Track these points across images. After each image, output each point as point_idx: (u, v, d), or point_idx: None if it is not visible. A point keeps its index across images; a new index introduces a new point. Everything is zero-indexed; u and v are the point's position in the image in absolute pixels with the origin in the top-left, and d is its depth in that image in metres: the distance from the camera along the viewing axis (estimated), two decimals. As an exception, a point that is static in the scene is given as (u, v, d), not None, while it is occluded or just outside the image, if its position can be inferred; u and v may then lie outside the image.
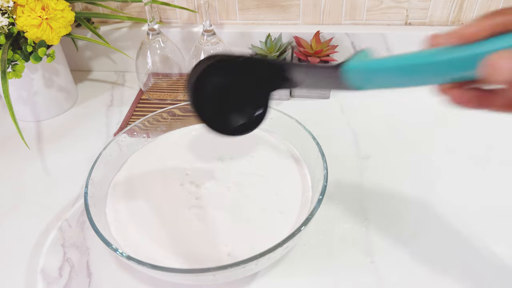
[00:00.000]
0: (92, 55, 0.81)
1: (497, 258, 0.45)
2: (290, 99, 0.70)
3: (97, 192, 0.46)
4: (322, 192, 0.42)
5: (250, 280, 0.44)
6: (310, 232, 0.48)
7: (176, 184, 0.49)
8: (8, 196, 0.56)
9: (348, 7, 0.70)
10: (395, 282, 0.43)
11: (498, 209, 0.50)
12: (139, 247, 0.43)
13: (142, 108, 0.70)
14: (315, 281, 0.44)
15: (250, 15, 0.73)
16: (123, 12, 0.76)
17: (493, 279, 0.43)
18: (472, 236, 0.47)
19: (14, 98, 0.64)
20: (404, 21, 0.71)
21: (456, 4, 0.68)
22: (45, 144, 0.65)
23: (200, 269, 0.36)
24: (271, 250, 0.37)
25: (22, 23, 0.57)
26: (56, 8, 0.58)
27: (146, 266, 0.37)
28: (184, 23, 0.76)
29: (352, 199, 0.52)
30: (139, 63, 0.69)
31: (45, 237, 0.50)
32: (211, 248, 0.42)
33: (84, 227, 0.51)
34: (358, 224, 0.49)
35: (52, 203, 0.54)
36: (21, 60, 0.59)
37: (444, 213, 0.50)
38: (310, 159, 0.49)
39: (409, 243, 0.47)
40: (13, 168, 0.61)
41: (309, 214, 0.40)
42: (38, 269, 0.47)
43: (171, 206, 0.47)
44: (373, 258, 0.45)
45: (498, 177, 0.54)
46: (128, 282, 0.45)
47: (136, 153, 0.54)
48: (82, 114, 0.71)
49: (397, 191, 0.52)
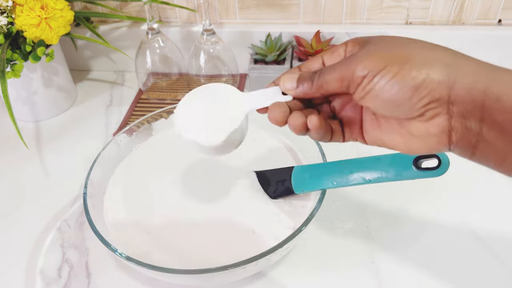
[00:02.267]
0: (92, 55, 0.81)
1: (497, 258, 0.45)
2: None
3: (96, 193, 0.46)
4: (322, 192, 0.42)
5: (251, 281, 0.44)
6: (310, 232, 0.48)
7: (176, 184, 0.49)
8: (7, 197, 0.56)
9: (348, 7, 0.70)
10: (395, 282, 0.43)
11: (498, 209, 0.50)
12: (137, 246, 0.42)
13: (141, 108, 0.70)
14: (315, 281, 0.44)
15: (250, 14, 0.72)
16: (123, 11, 0.76)
17: (493, 279, 0.43)
18: (472, 236, 0.47)
19: (13, 98, 0.64)
20: (404, 20, 0.70)
21: (457, 4, 0.67)
22: (44, 144, 0.64)
23: (200, 270, 0.36)
24: (271, 250, 0.37)
25: (21, 22, 0.57)
26: (55, 7, 0.58)
27: (145, 266, 0.37)
28: (184, 22, 0.76)
29: (352, 199, 0.52)
30: (138, 62, 0.68)
31: (44, 238, 0.50)
32: (211, 248, 0.42)
33: (83, 228, 0.51)
34: (358, 224, 0.49)
35: (51, 203, 0.54)
36: (20, 59, 0.58)
37: (444, 213, 0.49)
38: (310, 159, 0.49)
39: (409, 243, 0.47)
40: (12, 168, 0.60)
41: (309, 214, 0.40)
42: (37, 269, 0.46)
43: (171, 205, 0.47)
44: (373, 258, 0.45)
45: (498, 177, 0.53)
46: (127, 282, 0.45)
47: (136, 152, 0.54)
48: (81, 114, 0.71)
49: (397, 191, 0.52)
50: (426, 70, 0.24)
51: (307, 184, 0.43)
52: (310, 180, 0.42)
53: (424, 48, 0.27)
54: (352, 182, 0.39)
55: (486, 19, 0.68)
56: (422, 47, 0.27)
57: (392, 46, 0.27)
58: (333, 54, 0.31)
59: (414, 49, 0.26)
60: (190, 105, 0.35)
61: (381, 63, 0.26)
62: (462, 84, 0.24)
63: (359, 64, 0.27)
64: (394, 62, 0.25)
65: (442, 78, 0.24)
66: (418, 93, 0.25)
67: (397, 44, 0.27)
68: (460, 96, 0.24)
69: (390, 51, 0.26)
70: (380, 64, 0.26)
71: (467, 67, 0.24)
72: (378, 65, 0.26)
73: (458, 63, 0.24)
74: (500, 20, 0.68)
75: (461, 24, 0.70)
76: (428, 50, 0.26)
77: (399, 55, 0.26)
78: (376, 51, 0.27)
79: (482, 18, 0.68)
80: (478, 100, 0.23)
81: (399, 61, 0.25)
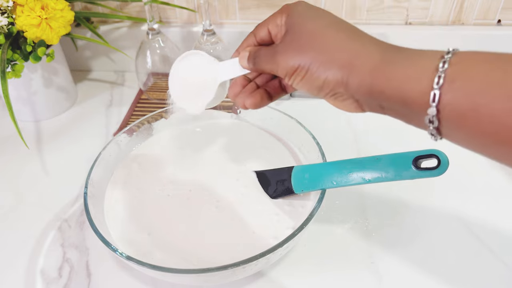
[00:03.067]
0: (92, 55, 0.81)
1: (497, 258, 0.45)
2: (290, 98, 0.70)
3: (96, 192, 0.46)
4: (322, 192, 0.42)
5: (250, 281, 0.44)
6: (310, 232, 0.48)
7: (176, 184, 0.49)
8: (7, 196, 0.56)
9: (348, 7, 0.70)
10: (395, 282, 0.43)
11: (498, 209, 0.50)
12: (138, 246, 0.43)
13: (141, 108, 0.70)
14: (315, 281, 0.44)
15: (250, 15, 0.72)
16: (123, 11, 0.76)
17: (493, 279, 0.43)
18: (472, 236, 0.47)
19: (13, 97, 0.64)
20: (404, 20, 0.70)
21: (457, 4, 0.67)
22: (44, 144, 0.65)
23: (200, 269, 0.36)
24: (271, 250, 0.37)
25: (22, 22, 0.57)
26: (56, 7, 0.58)
27: (146, 266, 0.37)
28: (184, 22, 0.76)
29: (352, 199, 0.52)
30: (138, 62, 0.68)
31: (44, 237, 0.50)
32: (211, 248, 0.42)
33: (84, 227, 0.51)
34: (358, 224, 0.49)
35: (52, 203, 0.54)
36: (21, 59, 0.58)
37: (444, 213, 0.50)
38: (310, 159, 0.49)
39: (409, 243, 0.47)
40: (12, 168, 0.61)
41: (309, 214, 0.40)
42: (38, 269, 0.47)
43: (171, 205, 0.47)
44: (373, 258, 0.45)
45: (498, 177, 0.54)
46: (128, 282, 0.45)
47: (136, 152, 0.54)
48: (81, 114, 0.71)
49: (397, 191, 0.52)
50: (325, 73, 0.31)
51: (307, 184, 0.43)
52: (310, 180, 0.43)
53: (328, 47, 0.31)
54: (352, 182, 0.39)
55: (485, 19, 0.68)
56: (326, 45, 0.31)
57: (305, 42, 0.32)
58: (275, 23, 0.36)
59: (320, 49, 0.31)
60: (177, 74, 0.43)
61: (294, 65, 0.32)
62: (353, 83, 0.30)
63: (280, 64, 0.33)
64: (302, 65, 0.32)
65: (338, 79, 0.30)
66: (323, 90, 0.32)
67: (309, 39, 0.32)
68: (354, 90, 0.30)
69: (301, 50, 0.32)
70: (293, 66, 0.32)
71: (359, 68, 0.30)
72: (292, 67, 0.32)
73: (352, 65, 0.30)
74: (500, 20, 0.68)
75: (461, 24, 0.70)
76: (330, 51, 0.31)
77: (306, 57, 0.31)
78: (291, 49, 0.33)
79: (482, 18, 0.68)
80: (367, 92, 0.30)
81: (306, 63, 0.31)
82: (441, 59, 0.26)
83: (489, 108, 0.24)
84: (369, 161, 0.38)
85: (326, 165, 0.43)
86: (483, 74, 0.24)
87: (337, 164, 0.41)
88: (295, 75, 0.32)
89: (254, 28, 0.38)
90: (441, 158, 0.33)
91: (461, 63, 0.25)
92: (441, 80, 0.25)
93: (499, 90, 0.24)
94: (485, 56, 0.25)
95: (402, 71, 0.28)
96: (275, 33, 0.36)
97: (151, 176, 0.50)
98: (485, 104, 0.24)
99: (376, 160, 0.37)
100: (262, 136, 0.55)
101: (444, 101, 0.25)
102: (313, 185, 0.42)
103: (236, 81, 0.40)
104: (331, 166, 0.41)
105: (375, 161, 0.37)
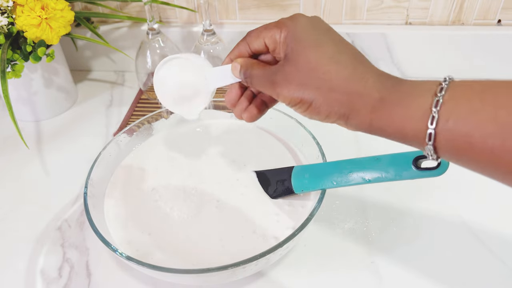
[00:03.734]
0: (92, 55, 0.81)
1: (496, 258, 0.45)
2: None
3: (96, 192, 0.46)
4: (322, 192, 0.42)
5: (250, 281, 0.44)
6: (310, 232, 0.48)
7: (176, 184, 0.49)
8: (7, 196, 0.56)
9: (348, 7, 0.70)
10: (395, 282, 0.43)
11: (498, 209, 0.50)
12: (138, 246, 0.43)
13: (141, 108, 0.70)
14: (315, 281, 0.44)
15: (250, 15, 0.73)
16: (123, 11, 0.76)
17: (493, 279, 0.43)
18: (472, 236, 0.47)
19: (13, 98, 0.64)
20: (404, 20, 0.70)
21: (457, 4, 0.67)
22: (44, 144, 0.65)
23: (200, 270, 0.36)
24: (271, 250, 0.37)
25: (22, 22, 0.57)
26: (56, 7, 0.58)
27: (146, 266, 0.37)
28: (184, 22, 0.76)
29: (352, 199, 0.52)
30: (138, 62, 0.68)
31: (44, 237, 0.50)
32: (211, 248, 0.42)
33: (84, 227, 0.51)
34: (358, 224, 0.49)
35: (52, 203, 0.54)
36: (21, 59, 0.58)
37: (444, 213, 0.50)
38: (310, 159, 0.49)
39: (409, 243, 0.47)
40: (13, 168, 0.61)
41: (309, 214, 0.40)
42: (38, 269, 0.47)
43: (171, 205, 0.47)
44: (373, 258, 0.45)
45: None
46: (128, 282, 0.45)
47: (136, 152, 0.54)
48: (81, 114, 0.71)
49: (397, 191, 0.52)
50: (328, 110, 0.32)
51: (307, 184, 0.43)
52: (310, 180, 0.43)
53: (331, 86, 0.32)
54: (352, 182, 0.39)
55: (485, 19, 0.68)
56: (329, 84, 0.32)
57: (307, 77, 0.32)
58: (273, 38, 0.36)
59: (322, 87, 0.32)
60: (163, 81, 0.42)
61: (296, 98, 0.33)
62: (353, 120, 0.32)
63: (280, 95, 0.34)
64: (305, 99, 0.32)
65: (340, 116, 0.32)
66: (325, 121, 0.34)
67: (311, 74, 0.32)
68: (354, 126, 0.32)
69: (304, 86, 0.32)
70: (296, 98, 0.33)
71: (360, 108, 0.31)
72: (295, 99, 0.33)
73: (353, 104, 0.31)
74: (500, 20, 0.68)
75: (461, 24, 0.70)
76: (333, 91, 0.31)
77: (310, 93, 0.32)
78: (293, 83, 0.33)
79: (482, 18, 0.68)
80: (367, 128, 0.31)
81: (309, 98, 0.32)
82: (434, 97, 0.27)
83: (483, 144, 0.25)
84: (369, 161, 0.38)
85: (326, 165, 0.43)
86: (475, 112, 0.25)
87: (337, 164, 0.41)
88: (299, 106, 0.33)
89: (246, 34, 0.38)
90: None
91: (453, 99, 0.26)
92: (434, 121, 0.26)
93: (492, 128, 0.25)
94: (477, 89, 0.26)
95: (400, 110, 0.29)
96: (273, 48, 0.36)
97: (151, 176, 0.50)
98: (479, 142, 0.25)
99: (376, 160, 0.37)
100: (262, 136, 0.55)
101: (440, 138, 0.27)
102: (313, 185, 0.42)
103: (231, 89, 0.40)
104: (331, 166, 0.41)
105: (375, 161, 0.37)
